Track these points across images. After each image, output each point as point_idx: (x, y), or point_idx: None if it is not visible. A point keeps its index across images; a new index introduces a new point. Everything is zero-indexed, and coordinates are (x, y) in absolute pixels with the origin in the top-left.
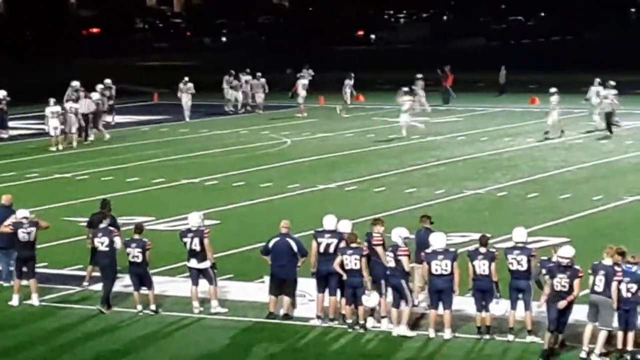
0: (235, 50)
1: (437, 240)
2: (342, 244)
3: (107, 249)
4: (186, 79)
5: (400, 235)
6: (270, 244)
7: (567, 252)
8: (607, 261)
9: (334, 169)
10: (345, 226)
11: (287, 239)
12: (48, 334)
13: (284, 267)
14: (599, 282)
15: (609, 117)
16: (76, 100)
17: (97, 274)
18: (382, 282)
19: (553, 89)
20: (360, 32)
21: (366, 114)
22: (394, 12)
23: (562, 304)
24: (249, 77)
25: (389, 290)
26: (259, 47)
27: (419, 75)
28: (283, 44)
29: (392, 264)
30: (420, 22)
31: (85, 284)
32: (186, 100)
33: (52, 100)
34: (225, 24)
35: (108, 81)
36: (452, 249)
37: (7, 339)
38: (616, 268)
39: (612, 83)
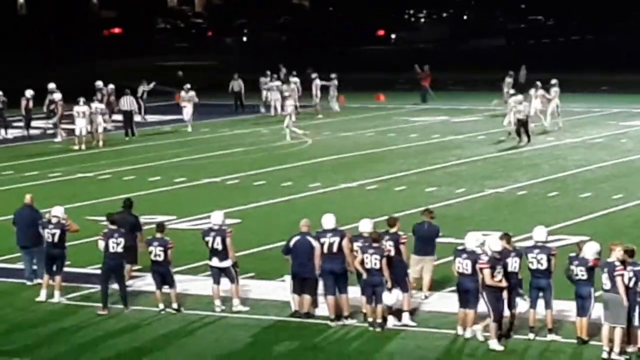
0: (257, 50)
1: (467, 241)
2: (360, 243)
3: (121, 250)
4: (188, 86)
5: (491, 247)
6: (291, 243)
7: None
8: (611, 258)
9: (355, 168)
10: (366, 225)
11: (308, 237)
12: (70, 332)
13: (305, 266)
14: (606, 280)
15: (524, 125)
16: (100, 100)
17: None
18: (407, 279)
19: (512, 91)
20: (381, 32)
21: (387, 114)
22: (414, 11)
23: None
24: (296, 79)
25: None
26: (280, 48)
27: (314, 75)
28: (304, 44)
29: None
30: (440, 22)
31: (128, 282)
32: (188, 109)
33: (81, 100)
34: (246, 24)
35: (99, 83)
36: (478, 251)
37: (29, 337)
38: (616, 263)
39: (512, 91)
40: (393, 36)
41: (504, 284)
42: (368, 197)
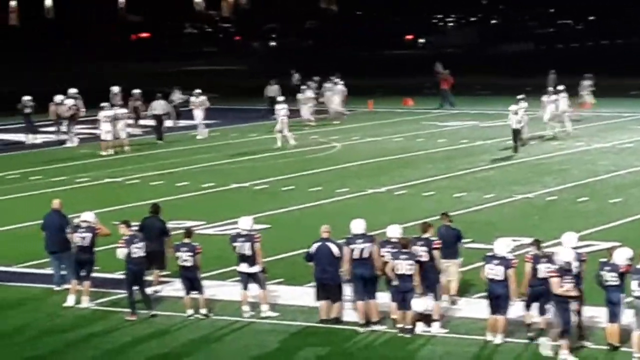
0: (284, 55)
1: (497, 246)
2: (389, 248)
3: (144, 254)
4: (198, 91)
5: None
6: (312, 250)
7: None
8: None
9: (383, 173)
10: (394, 231)
11: (328, 243)
12: (98, 338)
13: (326, 272)
14: (636, 287)
15: (517, 134)
16: (123, 105)
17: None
18: (438, 285)
19: (520, 96)
20: (409, 37)
21: (415, 118)
22: (443, 16)
23: None
24: (329, 85)
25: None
26: (307, 52)
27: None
28: (331, 48)
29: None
30: (469, 27)
31: (157, 288)
32: (199, 113)
33: (106, 105)
34: (274, 29)
35: (115, 88)
36: (509, 257)
37: (57, 343)
38: None
39: (520, 96)
40: (421, 41)
41: (573, 293)
42: (396, 202)
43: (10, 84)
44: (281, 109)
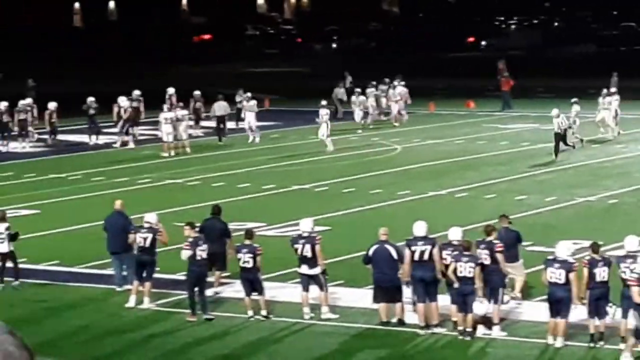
0: (346, 57)
1: (559, 250)
2: (450, 251)
3: (206, 256)
4: (249, 94)
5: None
6: (371, 252)
7: None
8: None
9: (444, 176)
10: (455, 233)
11: (386, 245)
12: (159, 338)
13: (386, 275)
14: None
15: (562, 138)
16: (184, 107)
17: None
18: (501, 290)
19: (573, 99)
20: (471, 39)
21: (476, 121)
22: (505, 18)
23: None
24: (391, 87)
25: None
26: (370, 54)
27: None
28: (393, 50)
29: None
30: (531, 29)
31: (218, 289)
32: (250, 118)
33: (165, 107)
34: (336, 31)
35: (170, 90)
36: (570, 260)
37: (119, 343)
38: None
39: (573, 100)
40: (483, 43)
41: None
42: (457, 204)
43: (74, 85)
44: (324, 113)
